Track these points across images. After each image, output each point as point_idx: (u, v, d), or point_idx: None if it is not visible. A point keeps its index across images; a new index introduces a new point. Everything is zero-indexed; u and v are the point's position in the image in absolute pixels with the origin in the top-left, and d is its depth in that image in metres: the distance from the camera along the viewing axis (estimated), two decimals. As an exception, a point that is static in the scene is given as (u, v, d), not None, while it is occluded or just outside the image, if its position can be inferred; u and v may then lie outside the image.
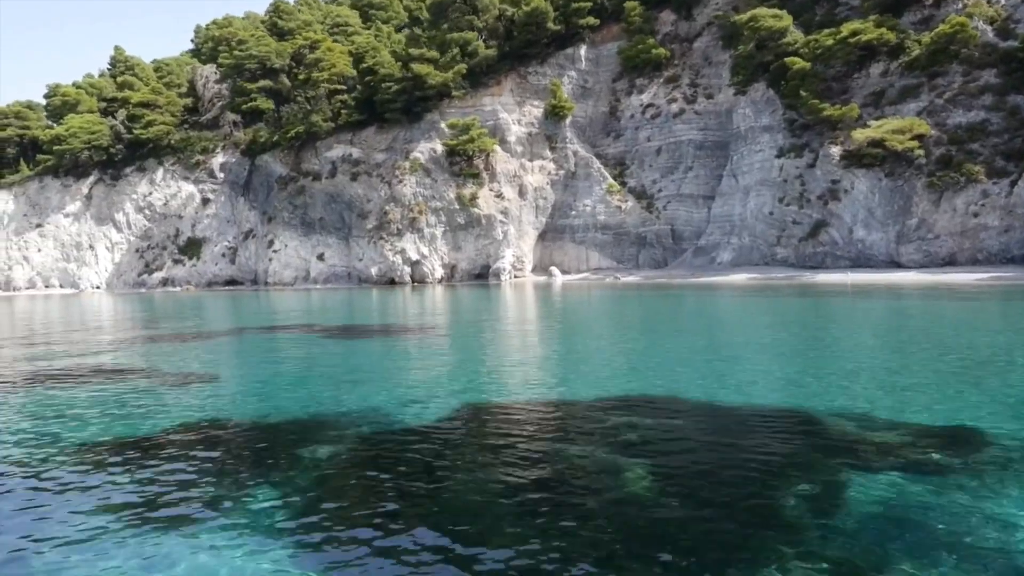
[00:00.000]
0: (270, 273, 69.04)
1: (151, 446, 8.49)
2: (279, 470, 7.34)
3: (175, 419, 9.81)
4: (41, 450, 8.44)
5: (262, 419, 9.71)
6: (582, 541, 5.36)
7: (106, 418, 10.06)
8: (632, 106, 64.06)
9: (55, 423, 9.84)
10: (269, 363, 15.43)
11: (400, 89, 64.31)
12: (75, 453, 8.27)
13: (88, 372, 14.54)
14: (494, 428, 8.98)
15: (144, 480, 7.14)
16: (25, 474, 7.54)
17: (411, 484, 6.79)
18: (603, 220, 60.81)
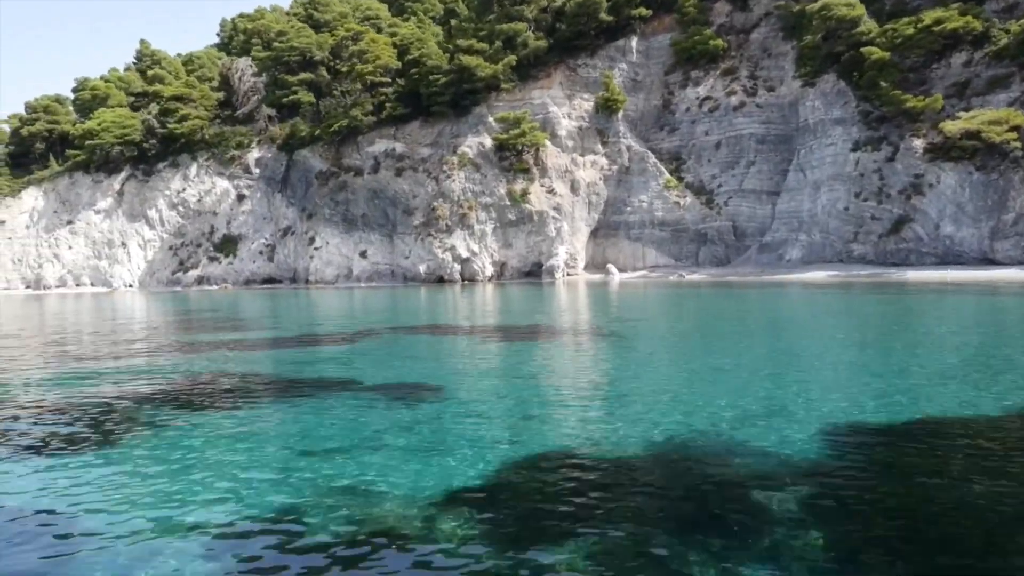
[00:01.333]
0: (311, 271, 67.18)
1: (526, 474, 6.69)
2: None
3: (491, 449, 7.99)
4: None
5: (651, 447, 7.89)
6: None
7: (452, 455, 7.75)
8: (687, 99, 62.24)
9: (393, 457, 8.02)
10: (501, 373, 13.59)
11: (447, 81, 62.46)
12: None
13: (311, 386, 12.71)
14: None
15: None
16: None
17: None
18: (660, 216, 59.00)
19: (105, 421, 9.56)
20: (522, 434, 8.28)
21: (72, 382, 12.90)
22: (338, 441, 8.16)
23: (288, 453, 7.74)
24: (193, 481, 6.90)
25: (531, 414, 9.26)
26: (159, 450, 8.03)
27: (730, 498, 6.05)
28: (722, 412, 9.08)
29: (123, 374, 13.73)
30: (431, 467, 7.10)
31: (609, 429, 8.45)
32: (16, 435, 8.84)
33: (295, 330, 22.52)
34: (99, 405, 10.68)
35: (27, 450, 8.13)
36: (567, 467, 7.02)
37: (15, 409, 10.56)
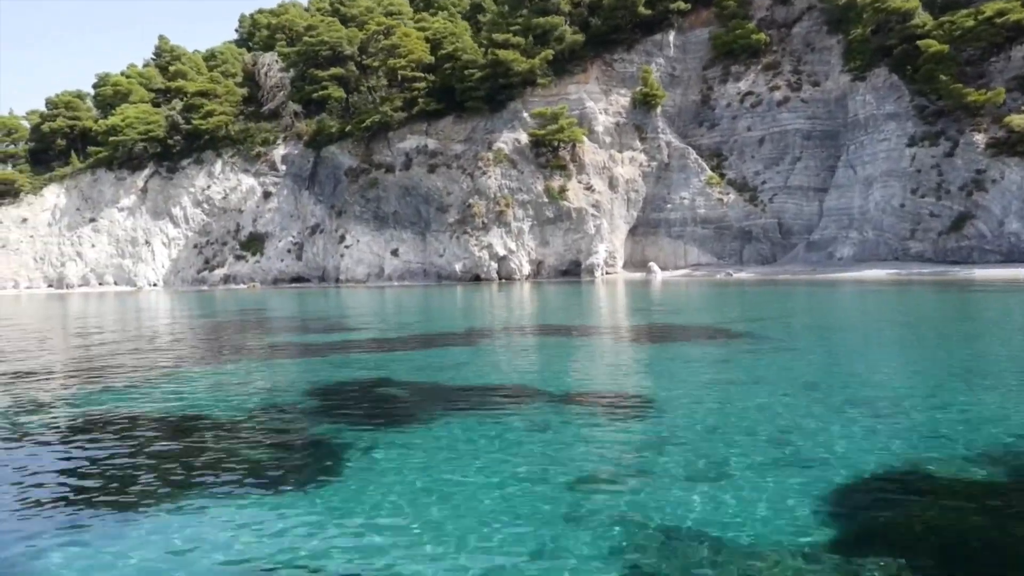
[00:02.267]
0: (342, 269, 65.93)
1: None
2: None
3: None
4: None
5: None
6: None
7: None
8: (728, 94, 61.05)
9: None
10: (707, 380, 12.36)
11: (483, 76, 61.23)
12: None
13: (494, 395, 11.48)
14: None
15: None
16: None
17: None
18: (703, 214, 57.82)
19: (292, 444, 8.32)
20: (825, 450, 7.04)
21: (198, 394, 11.67)
22: (592, 464, 6.83)
23: (554, 479, 6.40)
24: (439, 517, 5.64)
25: (803, 426, 8.03)
26: (384, 478, 6.73)
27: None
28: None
29: (263, 382, 12.50)
30: (747, 494, 5.85)
31: (933, 442, 7.24)
32: (200, 468, 7.37)
33: (396, 330, 21.27)
34: (266, 425, 9.45)
35: (223, 487, 6.50)
36: (924, 487, 5.83)
37: (180, 435, 9.34)
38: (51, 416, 9.69)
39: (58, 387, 12.10)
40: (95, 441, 8.23)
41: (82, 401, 10.67)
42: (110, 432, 8.66)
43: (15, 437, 8.56)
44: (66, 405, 10.43)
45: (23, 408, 10.27)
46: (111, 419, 9.36)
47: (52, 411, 10.04)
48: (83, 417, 9.54)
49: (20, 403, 10.66)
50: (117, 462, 7.38)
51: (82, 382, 12.44)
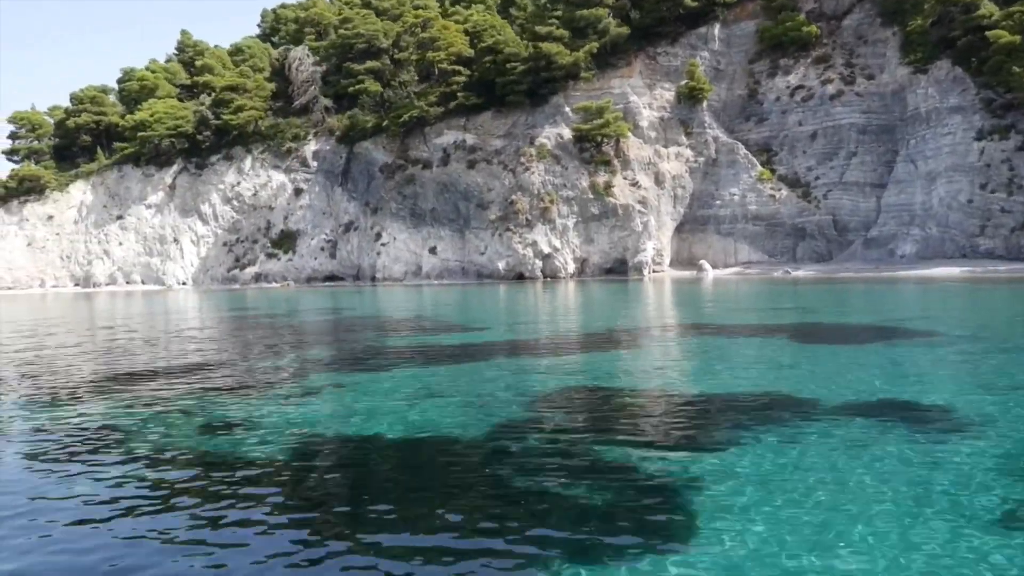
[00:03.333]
0: (378, 268, 64.44)
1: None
2: None
3: None
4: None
5: None
6: None
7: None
8: (777, 88, 59.64)
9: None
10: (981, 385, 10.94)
11: (525, 70, 59.79)
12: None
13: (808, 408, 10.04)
14: None
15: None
16: None
17: None
18: (754, 210, 56.42)
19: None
20: None
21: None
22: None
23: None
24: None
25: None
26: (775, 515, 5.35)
27: None
28: None
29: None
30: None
31: None
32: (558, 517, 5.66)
33: (529, 331, 19.79)
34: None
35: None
36: None
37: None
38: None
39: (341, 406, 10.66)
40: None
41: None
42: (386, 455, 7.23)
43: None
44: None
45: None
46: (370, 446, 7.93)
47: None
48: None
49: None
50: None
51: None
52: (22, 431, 8.74)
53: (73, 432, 8.43)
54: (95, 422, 8.93)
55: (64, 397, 10.75)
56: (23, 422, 9.21)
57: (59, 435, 8.33)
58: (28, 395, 11.11)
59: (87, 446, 7.78)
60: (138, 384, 11.77)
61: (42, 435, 8.41)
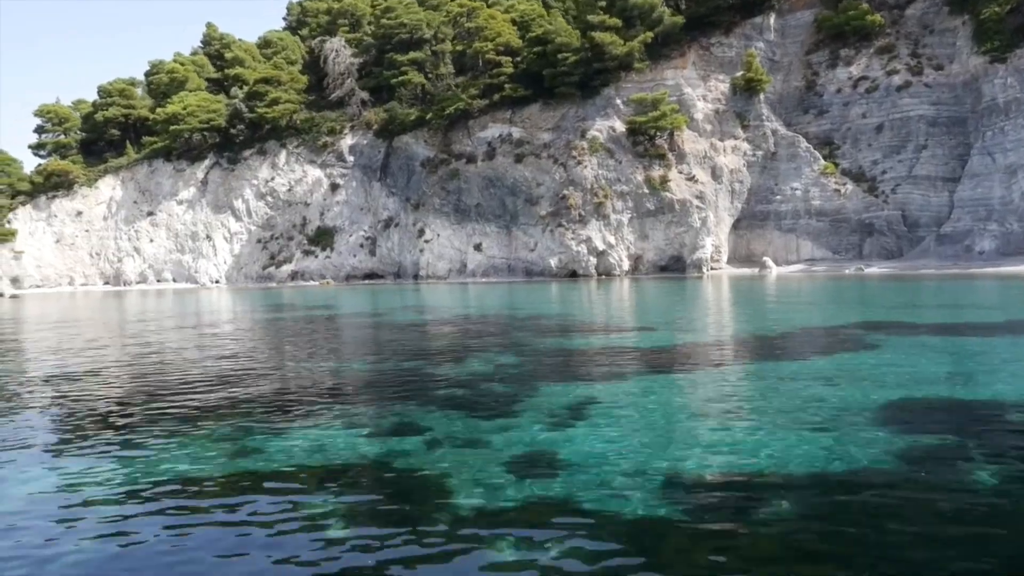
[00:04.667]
0: (421, 265, 62.38)
1: None
2: None
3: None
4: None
5: None
6: None
7: None
8: (838, 79, 57.65)
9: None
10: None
11: (577, 60, 57.78)
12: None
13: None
14: None
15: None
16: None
17: None
18: (817, 205, 54.43)
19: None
20: None
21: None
22: None
23: None
24: None
25: None
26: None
27: None
28: None
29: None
30: None
31: None
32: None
33: (707, 330, 17.81)
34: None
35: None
36: None
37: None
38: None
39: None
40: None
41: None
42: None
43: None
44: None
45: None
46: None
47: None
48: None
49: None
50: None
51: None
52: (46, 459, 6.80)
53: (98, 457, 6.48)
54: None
55: (90, 422, 8.77)
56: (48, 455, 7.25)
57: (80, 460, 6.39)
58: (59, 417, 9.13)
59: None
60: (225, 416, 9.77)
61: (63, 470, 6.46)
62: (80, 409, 9.30)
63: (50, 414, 9.16)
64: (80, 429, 8.06)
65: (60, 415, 9.05)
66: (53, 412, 9.26)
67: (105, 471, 6.42)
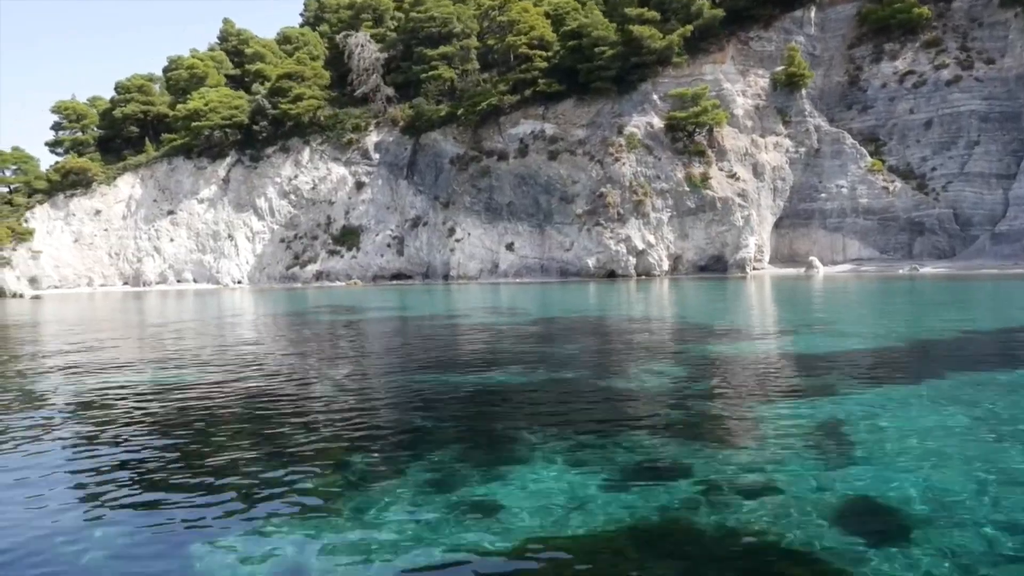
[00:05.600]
0: (452, 265, 60.72)
1: None
2: None
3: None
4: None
5: None
6: None
7: None
8: (883, 74, 56.10)
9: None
10: None
11: (614, 55, 56.20)
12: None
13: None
14: None
15: None
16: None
17: None
18: (865, 203, 52.88)
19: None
20: None
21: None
22: None
23: None
24: None
25: None
26: None
27: None
28: None
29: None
30: None
31: None
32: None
33: (859, 335, 16.21)
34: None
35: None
36: None
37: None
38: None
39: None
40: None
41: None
42: None
43: None
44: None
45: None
46: None
47: None
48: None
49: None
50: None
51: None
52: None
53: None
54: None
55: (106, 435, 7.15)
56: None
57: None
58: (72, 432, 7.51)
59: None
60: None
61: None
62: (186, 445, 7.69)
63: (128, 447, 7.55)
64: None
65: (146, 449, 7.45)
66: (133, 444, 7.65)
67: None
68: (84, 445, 7.46)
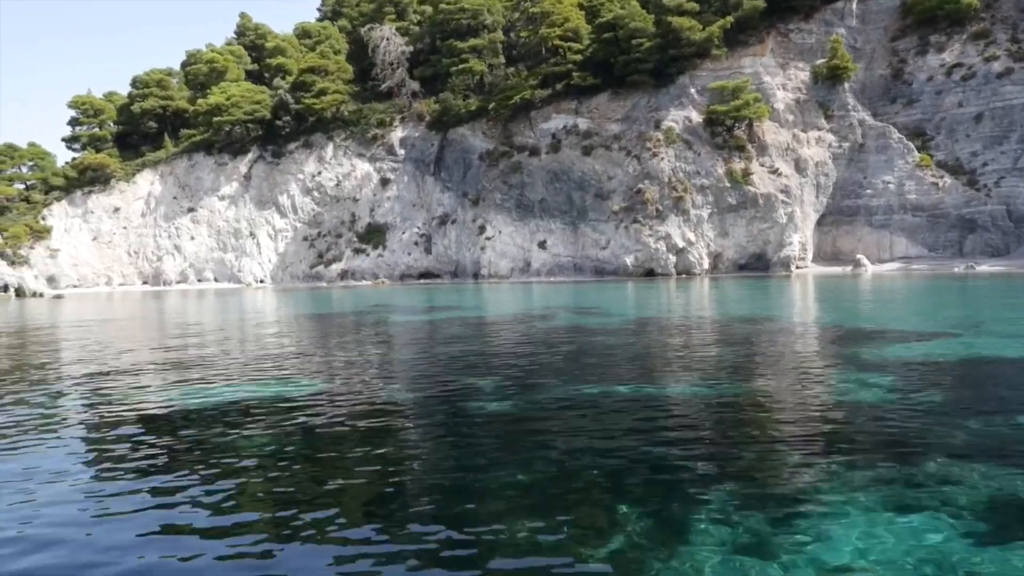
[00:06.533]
0: (483, 264, 59.11)
1: None
2: None
3: None
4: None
5: None
6: None
7: None
8: (929, 67, 54.50)
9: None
10: None
11: (652, 47, 54.63)
12: None
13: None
14: None
15: None
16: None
17: None
18: (913, 200, 51.26)
19: None
20: None
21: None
22: None
23: None
24: None
25: None
26: None
27: None
28: None
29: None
30: None
31: None
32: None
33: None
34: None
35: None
36: None
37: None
38: None
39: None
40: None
41: None
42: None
43: None
44: None
45: None
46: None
47: None
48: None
49: None
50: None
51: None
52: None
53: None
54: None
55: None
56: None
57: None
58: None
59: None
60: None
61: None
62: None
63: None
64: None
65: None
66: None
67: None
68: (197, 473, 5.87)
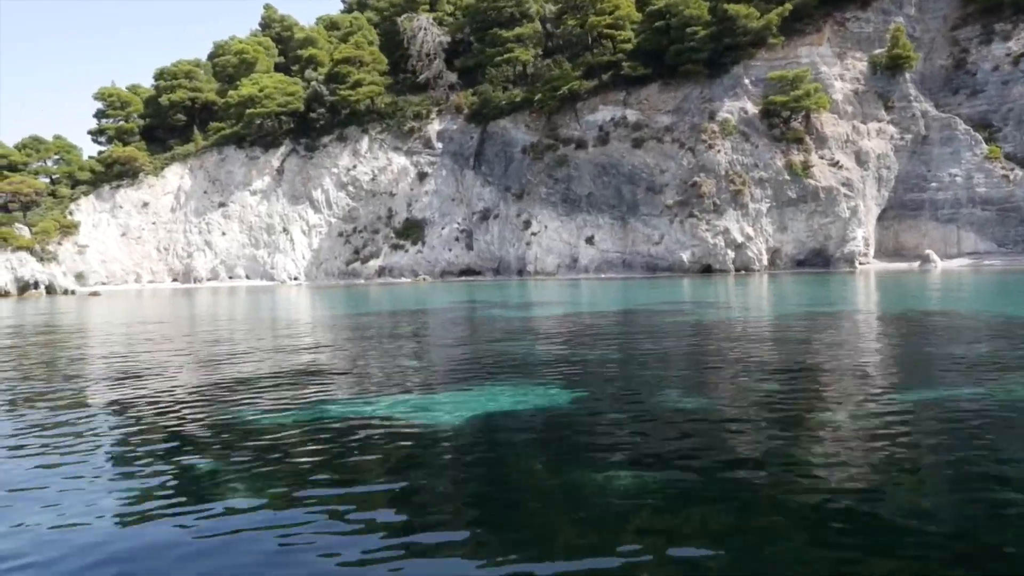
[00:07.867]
0: (528, 260, 57.21)
1: None
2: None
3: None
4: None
5: None
6: None
7: None
8: (994, 56, 52.67)
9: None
10: None
11: (707, 35, 52.78)
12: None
13: None
14: None
15: None
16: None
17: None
18: (983, 193, 49.43)
19: None
20: None
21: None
22: None
23: None
24: None
25: None
26: None
27: None
28: None
29: None
30: None
31: None
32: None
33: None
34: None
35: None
36: None
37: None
38: None
39: None
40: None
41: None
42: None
43: None
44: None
45: None
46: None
47: None
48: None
49: None
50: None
51: None
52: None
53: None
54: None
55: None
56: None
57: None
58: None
59: None
60: None
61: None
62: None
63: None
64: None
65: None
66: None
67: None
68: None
